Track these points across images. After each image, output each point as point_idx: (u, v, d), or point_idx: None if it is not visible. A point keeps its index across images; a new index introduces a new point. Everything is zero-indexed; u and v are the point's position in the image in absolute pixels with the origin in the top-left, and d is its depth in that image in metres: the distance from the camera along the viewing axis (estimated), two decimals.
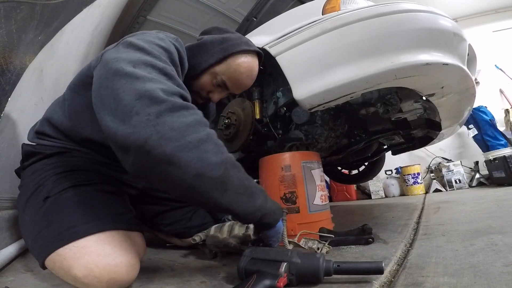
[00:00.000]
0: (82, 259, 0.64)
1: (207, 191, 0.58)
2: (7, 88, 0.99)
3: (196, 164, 0.56)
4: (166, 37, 0.79)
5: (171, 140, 0.55)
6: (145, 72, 0.62)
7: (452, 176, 3.22)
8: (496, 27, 3.76)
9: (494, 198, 1.97)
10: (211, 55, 0.87)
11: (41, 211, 0.72)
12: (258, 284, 0.57)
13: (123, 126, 0.55)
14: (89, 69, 0.80)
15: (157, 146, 0.54)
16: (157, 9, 2.47)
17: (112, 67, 0.63)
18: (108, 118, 0.58)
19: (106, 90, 0.61)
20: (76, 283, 0.66)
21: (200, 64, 0.88)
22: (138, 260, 0.72)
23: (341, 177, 2.75)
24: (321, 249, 0.85)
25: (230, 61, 0.88)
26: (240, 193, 0.64)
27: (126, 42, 0.72)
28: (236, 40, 0.90)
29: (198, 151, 0.57)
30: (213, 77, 0.90)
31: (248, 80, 0.93)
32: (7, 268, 0.90)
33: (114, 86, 0.60)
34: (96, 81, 0.66)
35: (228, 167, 0.61)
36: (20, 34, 0.98)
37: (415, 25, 0.91)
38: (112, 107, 0.58)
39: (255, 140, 1.48)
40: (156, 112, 0.56)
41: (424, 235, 1.09)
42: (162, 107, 0.56)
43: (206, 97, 0.94)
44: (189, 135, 0.56)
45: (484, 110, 3.14)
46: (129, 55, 0.66)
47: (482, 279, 0.59)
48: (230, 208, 0.63)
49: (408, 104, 1.23)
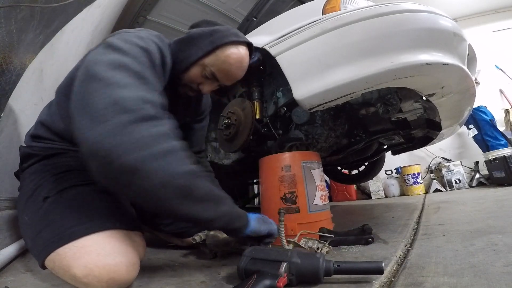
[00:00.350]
0: (81, 259, 0.64)
1: (170, 200, 0.61)
2: (7, 88, 0.99)
3: (160, 174, 0.58)
4: (146, 36, 0.78)
5: (136, 150, 0.56)
6: (120, 76, 0.62)
7: (452, 176, 3.22)
8: (496, 27, 3.76)
9: (494, 198, 1.97)
10: (200, 47, 0.87)
11: (41, 211, 0.72)
12: (258, 284, 0.57)
13: (91, 132, 0.56)
14: (76, 70, 0.80)
15: (122, 155, 0.55)
16: (157, 9, 2.47)
17: (89, 70, 0.64)
18: (79, 121, 0.59)
19: (80, 94, 0.62)
20: (76, 283, 0.66)
21: (189, 57, 0.88)
22: (138, 260, 0.72)
23: (341, 177, 2.75)
24: (321, 249, 0.85)
25: (219, 52, 0.88)
26: (206, 200, 0.66)
27: (106, 43, 0.72)
28: (224, 32, 0.89)
29: (163, 161, 0.58)
30: (203, 69, 0.89)
31: (238, 71, 0.93)
32: (7, 268, 0.90)
33: (88, 90, 0.60)
34: (75, 84, 0.66)
35: (191, 178, 0.63)
36: (20, 34, 0.98)
37: (415, 25, 0.91)
38: (84, 112, 0.59)
39: (255, 140, 1.48)
40: (124, 121, 0.56)
41: (424, 235, 1.09)
42: (130, 116, 0.57)
43: (197, 89, 0.94)
44: (154, 146, 0.58)
45: (484, 110, 3.14)
46: (107, 57, 0.66)
47: (482, 279, 0.59)
48: (195, 216, 0.65)
49: (408, 104, 1.23)
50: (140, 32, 0.79)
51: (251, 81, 1.40)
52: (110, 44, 0.70)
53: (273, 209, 1.14)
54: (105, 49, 0.70)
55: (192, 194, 0.63)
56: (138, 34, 0.77)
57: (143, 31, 0.82)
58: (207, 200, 0.66)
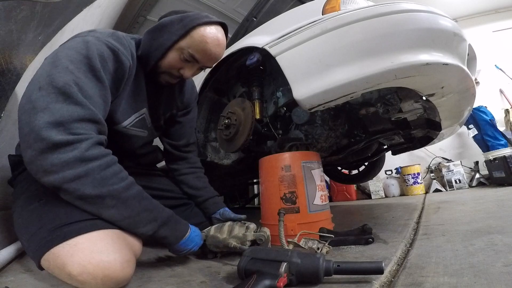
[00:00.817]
0: (75, 256, 0.64)
1: (91, 207, 0.69)
2: (7, 88, 0.99)
3: (75, 193, 0.67)
4: (94, 38, 0.78)
5: (52, 173, 0.64)
6: (44, 95, 0.67)
7: (452, 176, 3.22)
8: (496, 27, 3.76)
9: (494, 198, 1.97)
10: (173, 32, 0.89)
11: (35, 213, 0.72)
12: (258, 284, 0.57)
13: (25, 155, 0.66)
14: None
15: (44, 176, 0.65)
16: (157, 9, 2.48)
17: (28, 88, 0.71)
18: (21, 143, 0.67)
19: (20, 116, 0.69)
20: (72, 281, 0.66)
21: (163, 44, 0.89)
22: (133, 257, 0.72)
23: (341, 177, 2.75)
24: (321, 249, 0.85)
25: (193, 33, 0.89)
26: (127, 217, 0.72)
27: (53, 52, 0.76)
28: (195, 15, 0.91)
29: (76, 184, 0.66)
30: (180, 53, 0.90)
31: (217, 49, 0.93)
32: (7, 268, 0.90)
33: (21, 115, 0.68)
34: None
35: (107, 199, 0.69)
36: (20, 34, 0.98)
37: (415, 25, 0.91)
38: (20, 135, 0.67)
39: (255, 140, 1.48)
40: (40, 149, 0.64)
41: (424, 235, 1.09)
42: (43, 145, 0.64)
43: (178, 74, 0.95)
44: (67, 171, 0.65)
45: (484, 110, 3.14)
46: (41, 72, 0.72)
47: (482, 279, 0.59)
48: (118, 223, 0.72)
49: (408, 104, 1.23)
50: (88, 35, 0.79)
51: (251, 81, 1.40)
52: (53, 54, 0.75)
53: (273, 209, 1.14)
54: (46, 60, 0.75)
55: (104, 215, 0.70)
56: (85, 39, 0.77)
57: (93, 32, 0.81)
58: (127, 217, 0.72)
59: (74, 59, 0.72)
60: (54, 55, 0.74)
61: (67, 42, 0.79)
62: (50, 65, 0.71)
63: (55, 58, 0.72)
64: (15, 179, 0.87)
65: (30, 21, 1.02)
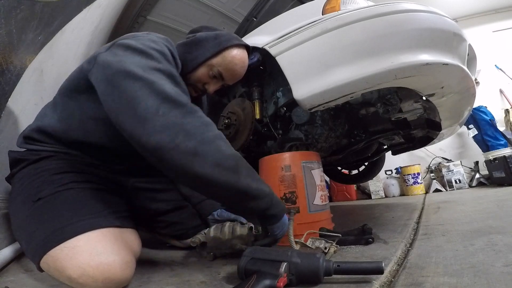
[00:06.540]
0: (74, 260, 0.64)
1: (224, 178, 0.66)
2: (7, 88, 0.99)
3: (214, 155, 0.66)
4: (158, 39, 0.83)
5: (194, 136, 0.65)
6: (155, 76, 0.68)
7: (452, 176, 3.22)
8: (496, 27, 3.76)
9: (494, 198, 1.97)
10: (207, 49, 0.94)
11: (32, 213, 0.71)
12: (258, 284, 0.57)
13: (146, 128, 0.63)
14: (81, 72, 0.80)
15: (184, 140, 0.63)
16: (157, 9, 2.47)
17: (119, 69, 0.67)
18: (131, 121, 0.64)
19: (121, 93, 0.66)
20: (72, 284, 0.66)
21: (197, 58, 0.94)
22: (132, 258, 0.72)
23: (341, 177, 2.75)
24: (328, 248, 0.84)
25: (225, 54, 0.95)
26: (252, 177, 0.72)
27: (123, 44, 0.74)
28: (228, 36, 0.98)
29: (215, 145, 0.67)
30: (210, 69, 0.96)
31: (242, 71, 1.01)
32: (7, 268, 0.90)
33: (130, 89, 0.65)
34: (102, 84, 0.70)
35: (238, 158, 0.71)
36: (20, 34, 0.98)
37: (415, 25, 0.91)
38: (134, 111, 0.64)
39: (255, 140, 1.48)
40: (181, 113, 0.66)
41: (424, 235, 1.09)
42: (184, 109, 0.67)
43: (202, 89, 1.00)
44: (207, 132, 0.67)
45: (484, 110, 3.14)
46: (132, 59, 0.70)
47: (482, 279, 0.59)
48: (247, 190, 0.70)
49: (408, 104, 1.23)
50: (150, 35, 0.84)
51: (251, 81, 1.40)
52: (129, 46, 0.74)
53: None
54: (124, 51, 0.73)
55: (240, 170, 0.70)
56: (150, 38, 0.81)
57: (151, 34, 0.85)
58: (253, 178, 0.72)
59: (158, 55, 0.77)
60: (127, 46, 0.76)
61: (132, 37, 0.81)
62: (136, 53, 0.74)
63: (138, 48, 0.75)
64: (13, 176, 0.86)
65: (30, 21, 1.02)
